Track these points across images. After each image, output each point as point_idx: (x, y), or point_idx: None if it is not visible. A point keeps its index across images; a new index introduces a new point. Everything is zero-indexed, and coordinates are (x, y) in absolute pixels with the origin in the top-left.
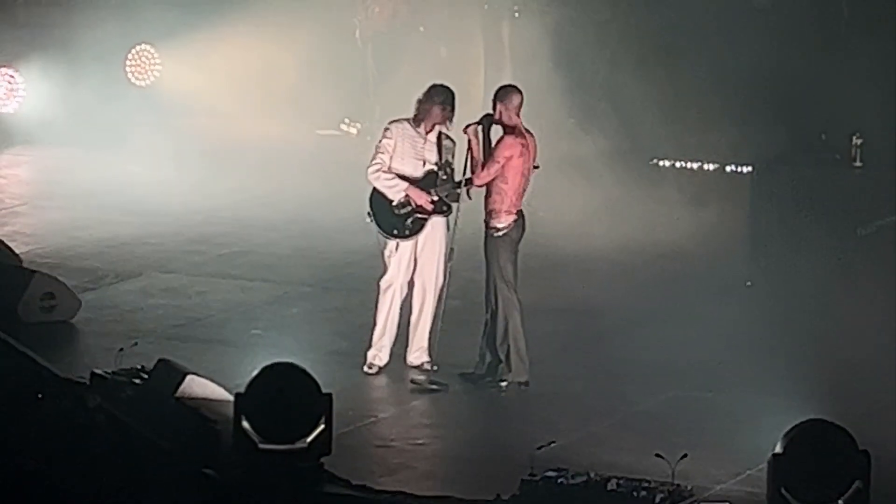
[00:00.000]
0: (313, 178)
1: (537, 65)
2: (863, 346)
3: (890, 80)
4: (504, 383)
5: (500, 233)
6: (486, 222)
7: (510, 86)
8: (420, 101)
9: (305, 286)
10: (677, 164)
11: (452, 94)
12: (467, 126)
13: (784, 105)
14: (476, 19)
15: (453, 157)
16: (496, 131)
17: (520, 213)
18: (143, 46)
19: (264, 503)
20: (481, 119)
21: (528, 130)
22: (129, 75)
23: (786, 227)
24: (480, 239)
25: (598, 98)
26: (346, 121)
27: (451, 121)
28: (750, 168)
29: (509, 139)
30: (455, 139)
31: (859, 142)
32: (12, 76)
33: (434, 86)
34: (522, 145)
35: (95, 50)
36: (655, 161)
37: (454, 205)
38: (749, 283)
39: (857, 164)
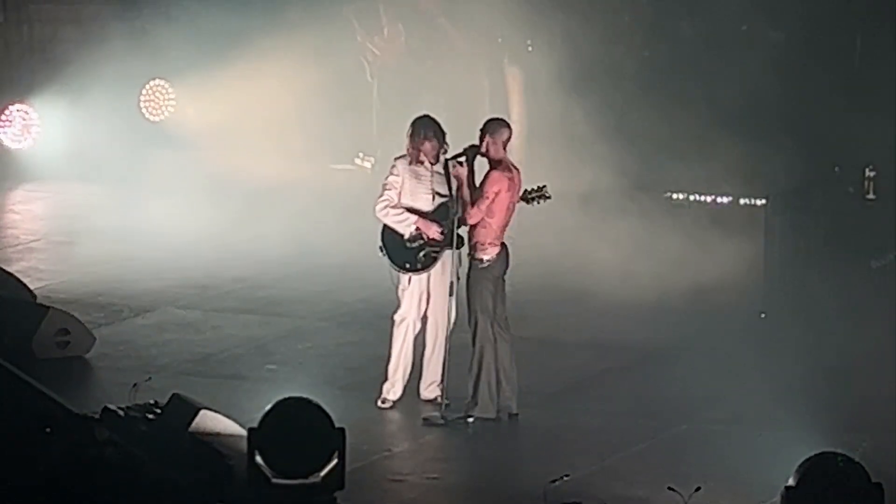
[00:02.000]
0: (328, 212)
1: (549, 99)
2: (876, 379)
3: None
4: (470, 419)
5: (485, 265)
6: (471, 255)
7: (500, 119)
8: (409, 140)
9: (320, 321)
10: (691, 198)
11: (436, 122)
12: (455, 163)
13: (798, 138)
14: (489, 54)
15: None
16: (480, 164)
17: (503, 246)
18: (157, 81)
19: None
20: (465, 150)
21: (513, 165)
22: (144, 110)
23: (799, 259)
24: None
25: (612, 132)
26: (361, 155)
27: (444, 146)
28: (763, 200)
29: (496, 174)
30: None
31: (872, 174)
32: (27, 112)
33: (415, 121)
34: (510, 179)
35: (109, 85)
36: (670, 194)
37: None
38: (763, 315)
39: (871, 196)
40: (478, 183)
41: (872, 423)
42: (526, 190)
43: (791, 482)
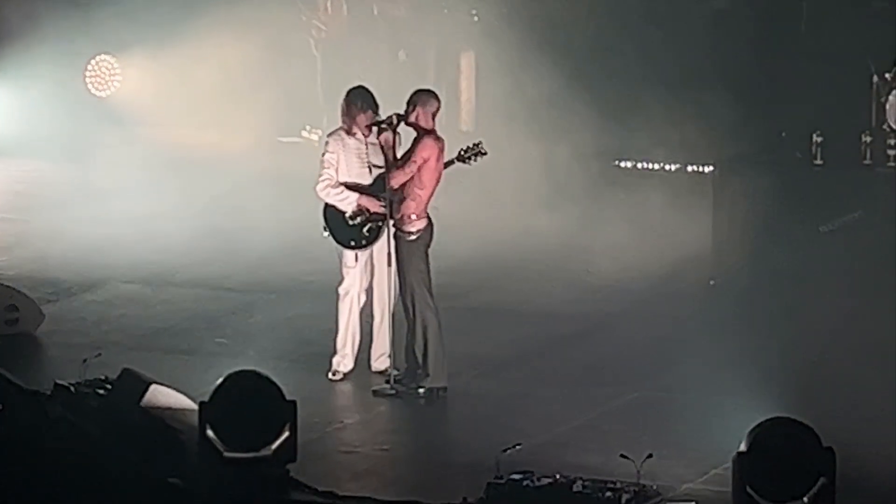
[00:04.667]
0: (275, 185)
1: (499, 69)
2: (826, 344)
3: (849, 78)
4: (422, 389)
5: (413, 237)
6: (398, 227)
7: (429, 91)
8: (343, 111)
9: (269, 294)
10: (639, 165)
11: (369, 93)
12: (379, 132)
13: (744, 104)
14: (435, 24)
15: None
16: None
17: (429, 217)
18: (102, 57)
19: None
20: (390, 117)
21: (440, 137)
22: (90, 86)
23: (748, 225)
24: (444, 243)
25: (560, 100)
26: (308, 128)
27: (377, 115)
28: (711, 167)
29: (428, 141)
30: (399, 131)
31: (819, 140)
32: None
33: (350, 91)
34: (439, 148)
35: (55, 61)
36: (618, 162)
37: None
38: (712, 283)
39: (818, 162)
40: (402, 152)
41: (823, 388)
42: (461, 150)
43: (743, 448)
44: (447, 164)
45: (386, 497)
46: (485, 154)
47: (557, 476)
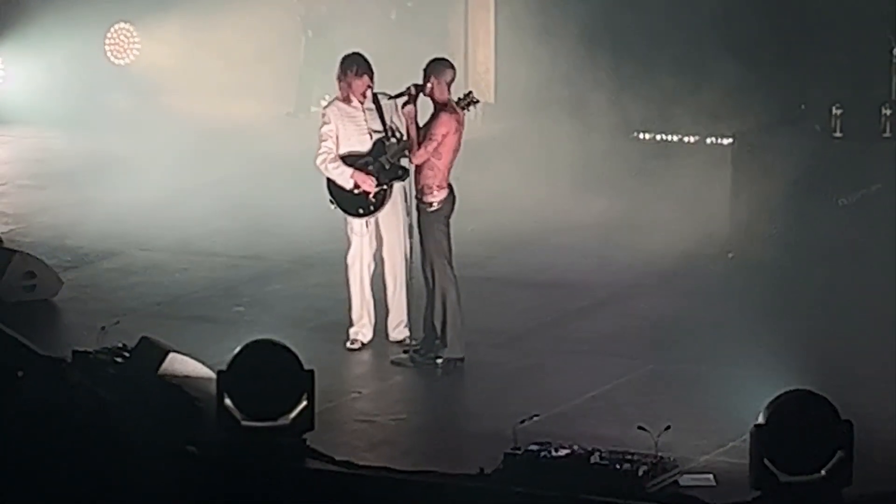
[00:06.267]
0: (293, 155)
1: (515, 38)
2: (845, 317)
3: (869, 50)
4: (440, 360)
5: (433, 208)
6: (419, 198)
7: (443, 59)
8: (338, 79)
9: (287, 262)
10: (658, 137)
11: (364, 59)
12: (404, 104)
13: (763, 76)
14: None
15: (397, 116)
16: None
17: (450, 187)
18: (121, 25)
19: (247, 480)
20: (408, 88)
21: (455, 107)
22: (109, 54)
23: (767, 198)
24: (462, 213)
25: (578, 72)
26: (326, 97)
27: (372, 80)
28: (730, 140)
29: (445, 116)
30: (390, 92)
31: (839, 112)
32: None
33: (344, 58)
34: (457, 121)
35: (74, 29)
36: (636, 134)
37: (411, 168)
38: (731, 255)
39: (837, 134)
40: (421, 123)
41: (841, 361)
42: (458, 99)
43: (761, 420)
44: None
45: (402, 467)
46: (477, 102)
47: (575, 447)
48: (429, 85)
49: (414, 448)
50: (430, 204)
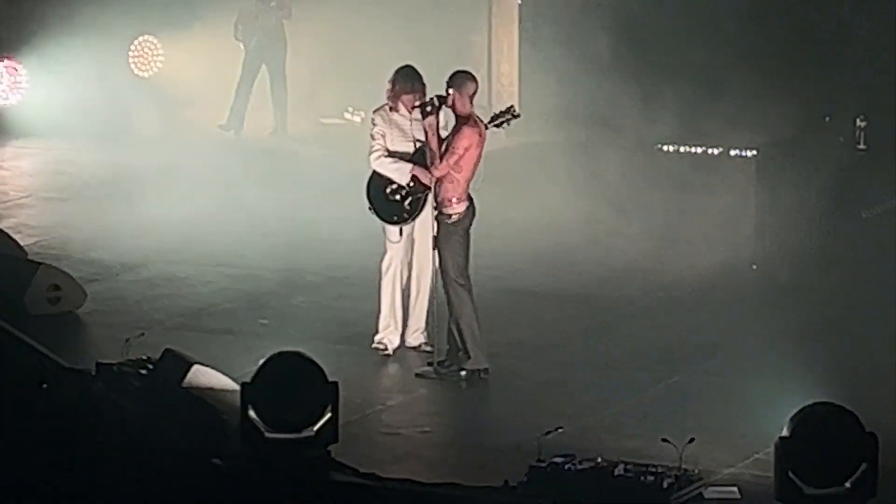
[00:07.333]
0: (318, 166)
1: (538, 51)
2: (868, 329)
3: (893, 62)
4: (464, 372)
5: (453, 220)
6: (439, 210)
7: (465, 72)
8: (388, 91)
9: (312, 275)
10: (682, 149)
11: (416, 71)
12: (423, 115)
13: (788, 88)
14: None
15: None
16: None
17: (470, 199)
18: (145, 37)
19: (271, 492)
20: (431, 100)
21: (479, 118)
22: (133, 66)
23: (790, 210)
24: (486, 225)
25: (601, 84)
26: (350, 109)
27: (424, 94)
28: (754, 152)
29: (467, 130)
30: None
31: (863, 124)
32: (15, 68)
33: (398, 70)
34: (479, 135)
35: (98, 41)
36: (660, 146)
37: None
38: (755, 267)
39: (862, 146)
40: (443, 134)
41: (866, 374)
42: (494, 114)
43: (785, 433)
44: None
45: (427, 479)
46: (518, 116)
47: (599, 459)
48: (450, 97)
49: (438, 460)
50: (450, 216)
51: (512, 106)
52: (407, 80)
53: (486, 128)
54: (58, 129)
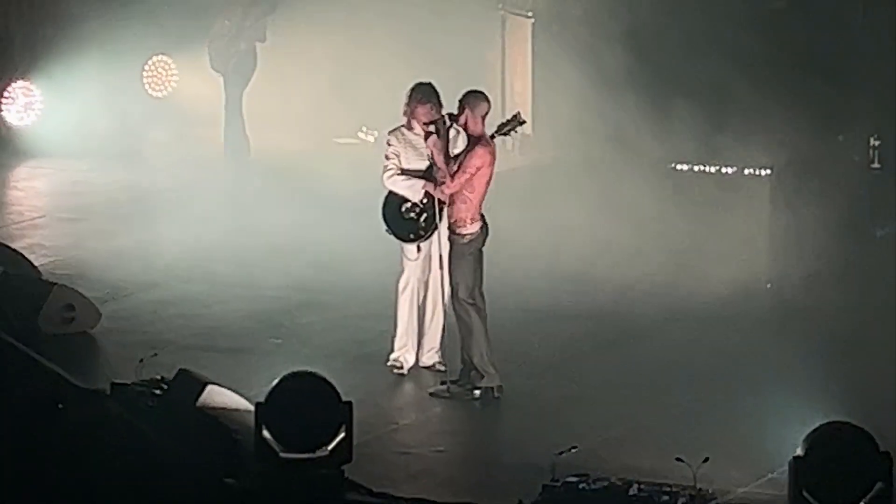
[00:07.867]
0: (331, 185)
1: (556, 68)
2: (883, 348)
3: None
4: (477, 391)
5: (466, 240)
6: (451, 230)
7: (479, 92)
8: (404, 105)
9: (325, 294)
10: (696, 168)
11: (432, 88)
12: (426, 135)
13: (802, 108)
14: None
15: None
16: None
17: (483, 219)
18: (160, 57)
19: None
20: (442, 118)
21: (491, 137)
22: (147, 86)
23: (804, 229)
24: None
25: (615, 103)
26: (364, 129)
27: (439, 110)
28: (768, 171)
29: (480, 150)
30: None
31: (877, 143)
32: (29, 89)
33: (413, 87)
34: (490, 154)
35: (112, 62)
36: (675, 165)
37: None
38: (769, 286)
39: (875, 165)
40: (453, 152)
41: (881, 393)
42: (501, 123)
43: (800, 452)
44: (491, 137)
45: (441, 499)
46: (523, 122)
47: (613, 479)
48: (462, 117)
49: (452, 480)
50: (463, 236)
51: (518, 112)
52: (422, 92)
53: (493, 137)
54: (72, 150)
